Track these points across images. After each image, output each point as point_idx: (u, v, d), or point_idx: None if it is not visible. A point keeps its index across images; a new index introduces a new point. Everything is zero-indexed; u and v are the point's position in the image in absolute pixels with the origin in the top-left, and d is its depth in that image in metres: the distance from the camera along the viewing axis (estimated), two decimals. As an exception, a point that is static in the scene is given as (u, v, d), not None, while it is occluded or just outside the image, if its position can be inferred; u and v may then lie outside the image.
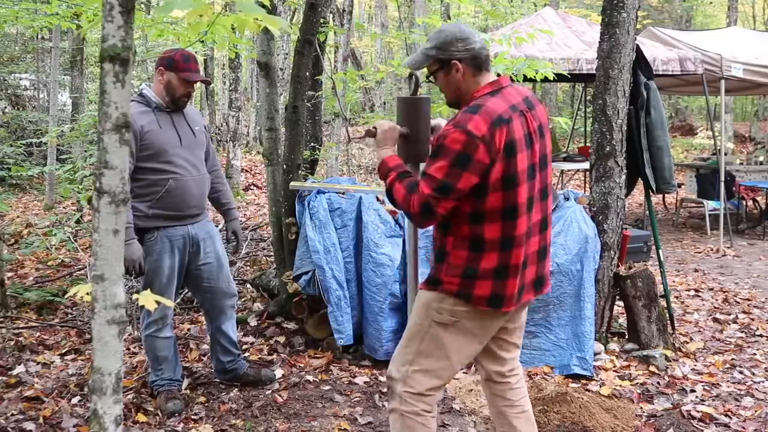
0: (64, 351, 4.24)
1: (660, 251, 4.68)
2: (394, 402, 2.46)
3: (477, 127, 2.22)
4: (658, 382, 3.79)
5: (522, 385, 2.65)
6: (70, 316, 4.97)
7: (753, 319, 5.01)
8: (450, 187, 2.23)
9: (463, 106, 2.36)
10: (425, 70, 2.51)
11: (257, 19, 1.69)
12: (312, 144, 5.59)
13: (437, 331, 2.39)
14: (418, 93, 2.66)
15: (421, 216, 2.30)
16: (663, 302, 4.37)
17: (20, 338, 4.45)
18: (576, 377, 3.83)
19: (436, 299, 2.39)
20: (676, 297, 5.52)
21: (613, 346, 4.21)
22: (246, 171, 13.88)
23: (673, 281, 6.02)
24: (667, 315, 4.44)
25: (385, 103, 18.89)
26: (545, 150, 2.41)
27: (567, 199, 4.29)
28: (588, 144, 9.29)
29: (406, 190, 2.32)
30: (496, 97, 2.33)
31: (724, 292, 5.78)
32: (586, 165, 6.24)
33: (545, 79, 5.67)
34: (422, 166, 2.45)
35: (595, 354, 4.00)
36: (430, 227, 2.50)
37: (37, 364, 4.03)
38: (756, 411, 3.43)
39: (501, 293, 2.32)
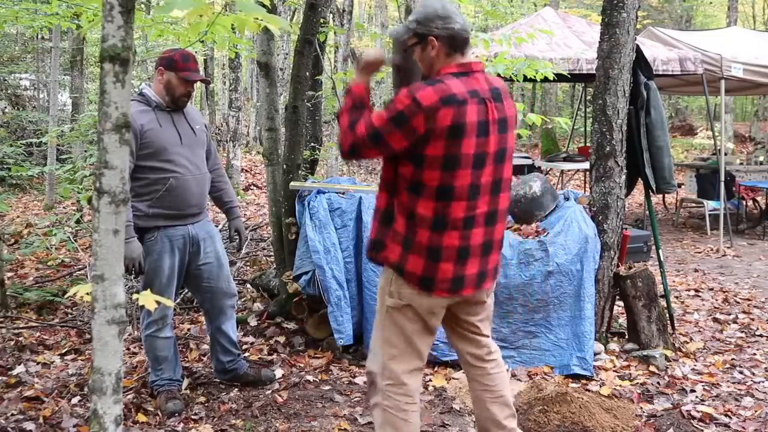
0: (64, 351, 4.24)
1: (660, 251, 4.68)
2: (376, 396, 2.47)
3: (425, 97, 2.25)
4: (658, 382, 3.79)
5: (500, 371, 2.65)
6: (70, 316, 4.97)
7: (753, 319, 5.01)
8: (380, 138, 2.30)
9: None
10: None
11: (257, 18, 1.69)
12: (312, 144, 5.59)
13: (393, 316, 2.42)
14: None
15: (348, 152, 2.38)
16: (663, 302, 4.37)
17: (20, 338, 4.45)
18: (576, 377, 3.83)
19: (387, 282, 2.42)
20: (676, 297, 5.52)
21: (613, 346, 4.21)
22: (246, 171, 13.89)
23: (673, 281, 6.02)
24: (667, 315, 4.43)
25: (385, 103, 18.88)
26: (505, 145, 2.40)
27: (567, 199, 4.29)
28: (588, 144, 9.30)
29: (348, 123, 2.39)
30: (458, 78, 2.33)
31: (724, 292, 5.78)
32: (586, 165, 6.24)
33: (545, 79, 5.67)
34: None
35: (595, 354, 4.00)
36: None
37: (37, 364, 4.03)
38: (756, 411, 3.43)
39: (432, 276, 2.34)
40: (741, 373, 3.95)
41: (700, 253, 7.46)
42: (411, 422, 2.46)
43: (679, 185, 9.67)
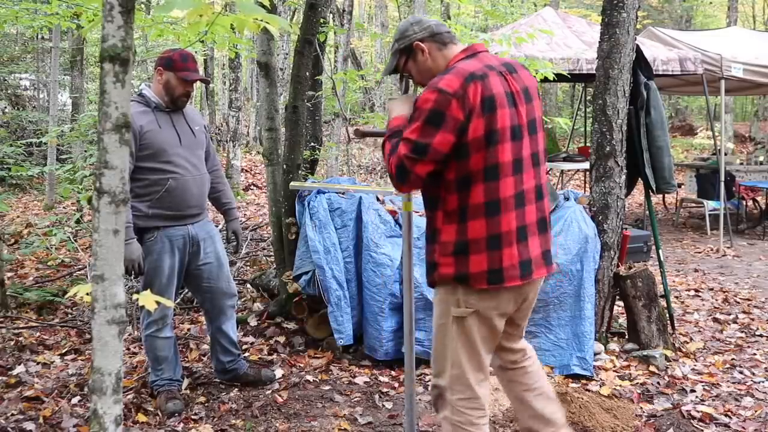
0: (64, 351, 4.24)
1: (660, 251, 4.68)
2: (445, 411, 2.39)
3: (448, 84, 2.18)
4: (658, 382, 3.79)
5: (537, 368, 2.61)
6: (70, 316, 4.97)
7: (753, 319, 5.01)
8: (425, 147, 2.17)
9: None
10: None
11: (257, 18, 1.68)
12: (312, 144, 5.58)
13: (460, 326, 2.32)
14: (410, 92, 2.66)
15: (398, 178, 2.22)
16: (663, 302, 4.37)
17: (20, 338, 4.45)
18: (576, 377, 3.83)
19: (448, 292, 2.32)
20: (676, 297, 5.52)
21: (613, 346, 4.21)
22: (246, 171, 13.89)
23: (673, 281, 6.02)
24: (667, 315, 4.43)
25: (384, 104, 18.89)
26: (534, 114, 2.34)
27: (567, 199, 4.29)
28: (588, 144, 9.29)
29: (390, 150, 2.26)
30: (470, 59, 2.30)
31: (724, 292, 5.78)
32: (586, 165, 6.24)
33: (545, 79, 5.67)
34: None
35: (595, 354, 4.00)
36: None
37: (37, 364, 4.03)
38: (756, 411, 3.43)
39: (499, 266, 2.24)
40: (741, 373, 3.95)
41: (700, 253, 7.46)
42: None
43: (679, 185, 9.68)
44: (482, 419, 2.37)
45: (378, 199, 4.27)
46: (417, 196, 2.60)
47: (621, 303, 4.36)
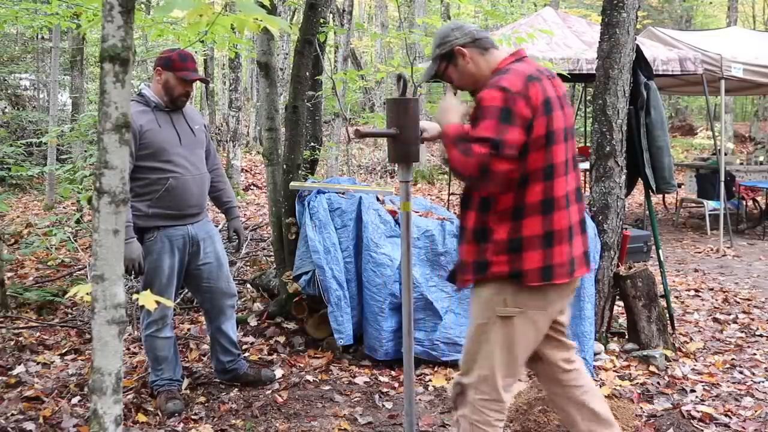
0: (64, 351, 4.24)
1: (660, 251, 4.68)
2: (464, 409, 2.38)
3: (512, 83, 2.21)
4: (658, 382, 3.79)
5: (583, 366, 2.61)
6: (70, 316, 4.97)
7: (753, 319, 5.01)
8: (502, 143, 2.16)
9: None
10: (415, 79, 2.51)
11: (257, 19, 1.68)
12: (312, 144, 5.59)
13: (503, 327, 2.32)
14: (407, 94, 2.65)
15: (481, 178, 2.19)
16: (663, 302, 4.37)
17: (20, 338, 4.45)
18: (576, 377, 3.83)
19: (495, 292, 2.32)
20: (676, 297, 5.52)
21: (613, 346, 4.21)
22: (246, 171, 13.89)
23: (673, 281, 6.02)
24: (667, 315, 4.43)
25: (384, 104, 18.89)
26: (571, 119, 2.40)
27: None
28: (588, 144, 9.29)
29: (461, 154, 2.21)
30: (519, 63, 2.34)
31: (724, 292, 5.78)
32: (586, 165, 6.24)
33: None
34: (414, 165, 2.43)
35: (595, 354, 4.00)
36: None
37: (37, 364, 4.03)
38: (756, 411, 3.43)
39: (551, 262, 2.27)
40: (741, 373, 3.95)
41: (700, 253, 7.46)
42: None
43: (679, 185, 9.67)
44: (500, 423, 2.38)
45: (378, 199, 4.27)
46: (416, 196, 2.59)
47: (621, 303, 4.36)
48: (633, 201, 10.18)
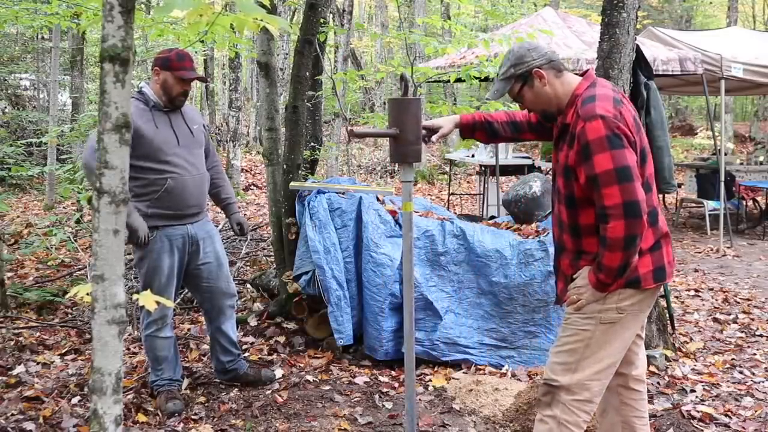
0: (64, 351, 4.24)
1: (660, 251, 4.67)
2: (555, 409, 2.38)
3: (605, 109, 2.23)
4: (658, 382, 3.79)
5: (646, 395, 2.64)
6: (70, 316, 4.97)
7: (753, 319, 5.01)
8: (625, 170, 2.18)
9: (568, 109, 2.34)
10: (415, 79, 2.50)
11: (257, 18, 1.68)
12: (312, 144, 5.59)
13: (604, 331, 2.35)
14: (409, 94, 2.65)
15: (636, 216, 2.18)
16: (663, 302, 4.37)
17: (20, 338, 4.45)
18: (576, 377, 3.82)
19: (605, 298, 2.35)
20: (676, 297, 5.52)
21: (613, 346, 4.20)
22: (246, 171, 13.89)
23: (673, 281, 6.02)
24: (667, 315, 4.43)
25: (384, 103, 18.90)
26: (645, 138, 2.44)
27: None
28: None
29: (609, 239, 2.21)
30: (598, 87, 2.34)
31: (724, 292, 5.78)
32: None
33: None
34: (415, 166, 2.43)
35: (595, 354, 3.99)
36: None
37: (37, 364, 4.03)
38: (756, 411, 3.43)
39: (661, 263, 2.36)
40: (741, 373, 3.95)
41: (700, 253, 7.46)
42: None
43: (679, 185, 9.68)
44: (586, 425, 2.41)
45: (378, 199, 4.27)
46: (416, 196, 2.59)
47: (621, 303, 4.35)
48: (633, 201, 10.16)
